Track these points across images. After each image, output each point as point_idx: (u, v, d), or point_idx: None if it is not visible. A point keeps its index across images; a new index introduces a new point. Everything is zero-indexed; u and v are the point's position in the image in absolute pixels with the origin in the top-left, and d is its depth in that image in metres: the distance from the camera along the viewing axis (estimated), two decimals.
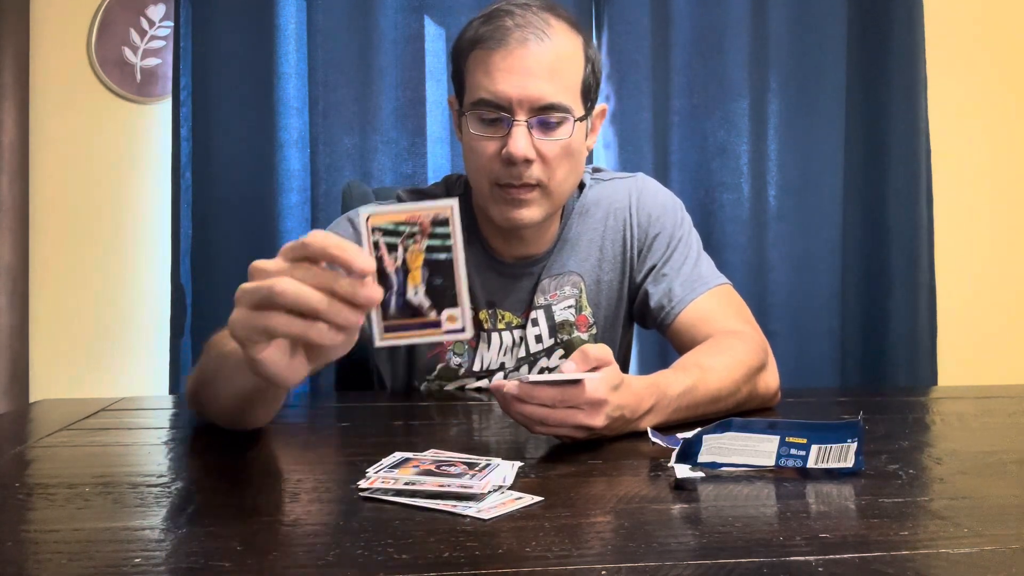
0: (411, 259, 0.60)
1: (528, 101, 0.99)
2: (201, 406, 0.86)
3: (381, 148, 1.73)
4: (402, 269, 0.60)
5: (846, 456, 0.68)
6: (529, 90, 0.98)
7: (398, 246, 0.60)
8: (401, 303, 0.60)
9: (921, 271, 1.85)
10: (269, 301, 0.58)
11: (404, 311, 0.60)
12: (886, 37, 1.86)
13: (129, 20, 1.86)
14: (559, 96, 1.00)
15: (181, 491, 0.64)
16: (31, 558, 0.51)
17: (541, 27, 1.00)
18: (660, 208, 1.15)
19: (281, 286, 0.57)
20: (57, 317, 1.85)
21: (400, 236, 0.59)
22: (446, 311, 0.60)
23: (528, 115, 0.99)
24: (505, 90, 0.98)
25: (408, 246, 0.60)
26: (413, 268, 0.60)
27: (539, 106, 0.99)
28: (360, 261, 0.58)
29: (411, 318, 0.60)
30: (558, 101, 0.99)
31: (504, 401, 0.76)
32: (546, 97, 0.99)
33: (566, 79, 1.01)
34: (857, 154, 1.87)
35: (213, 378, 0.79)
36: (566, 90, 1.01)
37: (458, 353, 1.12)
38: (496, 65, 0.99)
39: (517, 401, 0.75)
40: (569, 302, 1.12)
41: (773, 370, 1.03)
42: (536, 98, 0.99)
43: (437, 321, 0.60)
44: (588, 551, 0.51)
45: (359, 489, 0.62)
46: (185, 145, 1.71)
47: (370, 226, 0.59)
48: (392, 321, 0.60)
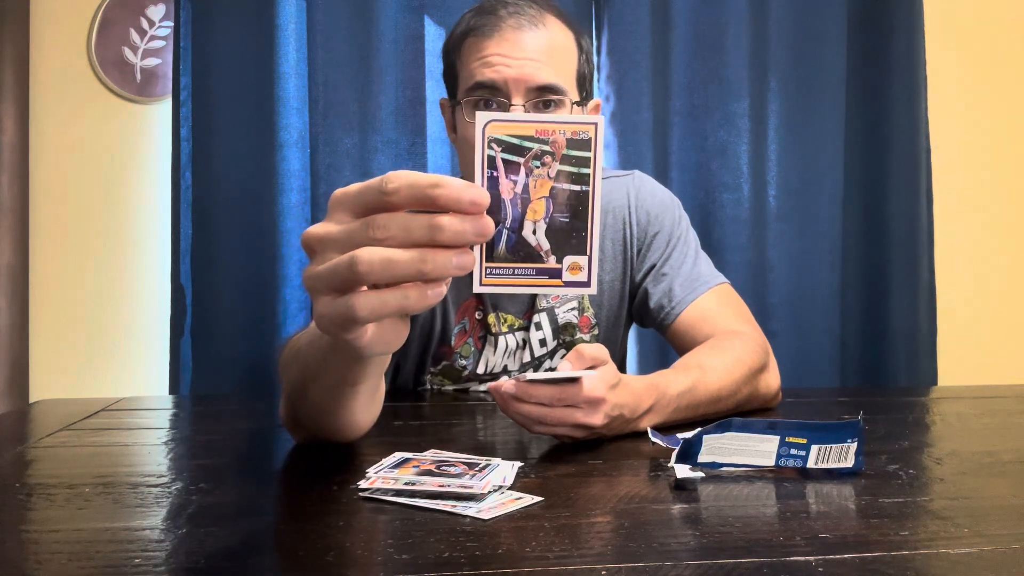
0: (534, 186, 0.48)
1: (524, 82, 0.98)
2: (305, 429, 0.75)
3: (381, 148, 1.73)
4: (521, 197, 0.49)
5: (846, 456, 0.68)
6: (524, 71, 0.98)
7: (520, 167, 0.48)
8: (514, 240, 0.49)
9: (921, 271, 1.85)
10: (354, 281, 0.47)
11: (516, 251, 0.49)
12: (886, 37, 1.85)
13: (129, 20, 1.86)
14: (554, 77, 0.99)
15: (181, 491, 0.64)
16: (31, 558, 0.51)
17: (534, 16, 1.01)
18: (659, 206, 1.15)
19: (366, 259, 0.46)
20: (57, 317, 1.85)
21: (525, 154, 0.48)
22: (569, 258, 0.49)
23: (524, 98, 0.99)
24: (500, 72, 0.98)
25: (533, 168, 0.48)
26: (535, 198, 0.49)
27: (535, 86, 0.99)
28: (469, 194, 0.46)
29: (523, 261, 0.49)
30: (554, 82, 0.99)
31: (502, 401, 0.76)
32: (541, 78, 0.99)
33: (561, 63, 1.01)
34: (857, 154, 1.87)
35: (304, 388, 0.68)
36: (561, 73, 1.01)
37: (464, 356, 1.12)
38: (490, 50, 0.99)
39: (515, 400, 0.75)
40: (572, 304, 1.12)
41: (774, 370, 1.03)
42: (531, 77, 0.98)
43: (557, 269, 0.49)
44: (588, 551, 0.51)
45: (359, 489, 0.62)
46: (185, 145, 1.70)
47: (487, 136, 0.48)
48: (498, 263, 0.49)
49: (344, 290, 0.47)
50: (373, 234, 0.46)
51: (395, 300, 0.47)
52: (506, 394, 0.75)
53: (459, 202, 0.46)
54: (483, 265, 0.49)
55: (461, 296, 1.10)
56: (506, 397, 0.76)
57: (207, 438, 0.82)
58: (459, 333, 1.11)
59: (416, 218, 0.46)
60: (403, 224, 0.46)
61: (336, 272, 0.47)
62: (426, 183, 0.46)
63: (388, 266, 0.46)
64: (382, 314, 0.47)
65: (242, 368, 1.66)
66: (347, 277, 0.46)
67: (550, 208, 0.49)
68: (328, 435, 0.73)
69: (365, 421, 0.72)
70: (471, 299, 1.10)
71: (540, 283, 0.50)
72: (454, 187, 0.46)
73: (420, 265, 0.46)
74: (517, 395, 0.75)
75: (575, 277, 0.49)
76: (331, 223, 0.49)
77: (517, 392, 0.75)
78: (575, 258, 0.49)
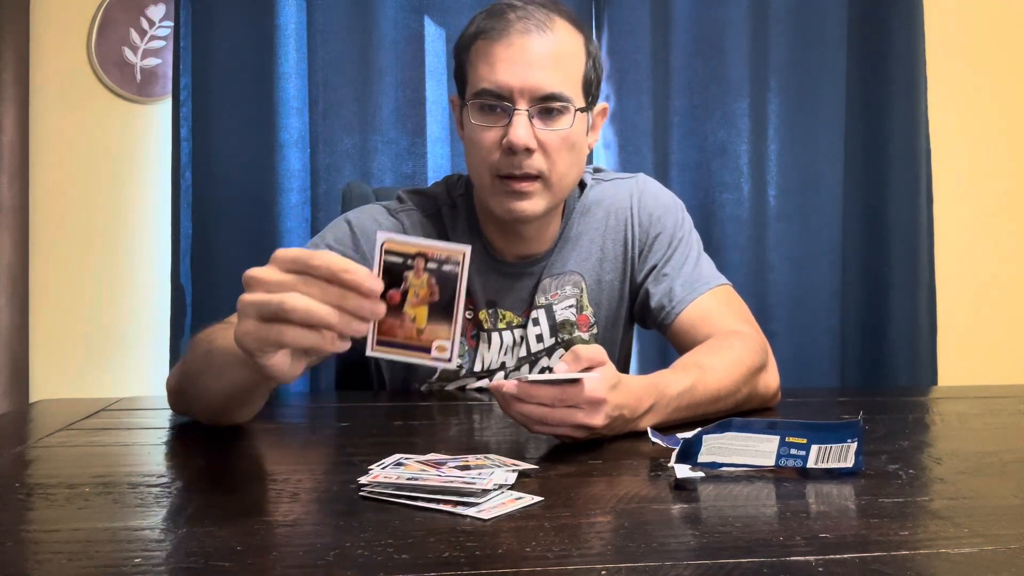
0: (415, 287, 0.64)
1: (529, 90, 0.99)
2: (185, 402, 0.88)
3: (381, 148, 1.73)
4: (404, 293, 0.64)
5: (846, 456, 0.68)
6: (530, 79, 0.99)
7: (405, 275, 0.64)
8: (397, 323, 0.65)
9: (921, 271, 1.85)
10: (279, 315, 0.60)
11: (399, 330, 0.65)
12: (886, 37, 1.86)
13: (129, 20, 1.86)
14: (560, 86, 1.00)
15: (181, 491, 0.64)
16: (31, 558, 0.51)
17: (543, 20, 1.01)
18: (662, 208, 1.15)
19: (292, 302, 0.60)
20: (57, 317, 1.85)
21: (410, 267, 0.64)
22: (437, 341, 0.65)
23: (529, 104, 0.99)
24: (507, 79, 0.99)
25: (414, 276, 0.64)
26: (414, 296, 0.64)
27: (540, 95, 0.99)
28: (368, 283, 0.61)
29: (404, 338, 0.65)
30: (559, 91, 1.00)
31: (503, 401, 0.76)
32: (547, 87, 0.99)
33: (567, 70, 1.02)
34: (857, 154, 1.87)
35: (200, 373, 0.81)
36: (567, 81, 1.01)
37: (459, 354, 1.12)
38: (498, 55, 1.00)
39: (516, 400, 0.75)
40: (570, 301, 1.12)
41: (773, 370, 1.03)
42: (537, 87, 0.99)
43: (428, 347, 0.65)
44: (588, 551, 0.51)
45: (360, 486, 0.62)
46: (185, 145, 1.71)
47: (384, 249, 0.63)
48: (386, 337, 0.64)
49: (270, 319, 0.61)
50: (300, 287, 0.60)
51: (312, 339, 0.61)
52: (507, 394, 0.75)
53: (359, 286, 0.60)
54: (375, 336, 0.64)
55: None
56: (507, 397, 0.76)
57: (207, 438, 0.82)
58: None
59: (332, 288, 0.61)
60: (323, 288, 0.61)
61: (267, 304, 0.60)
62: (340, 268, 0.60)
63: (307, 312, 0.60)
64: (300, 344, 0.61)
65: None
66: (275, 310, 0.60)
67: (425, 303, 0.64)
68: (204, 418, 0.86)
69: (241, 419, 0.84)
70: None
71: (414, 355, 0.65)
72: (359, 276, 0.60)
73: (330, 318, 0.60)
74: (518, 395, 0.75)
75: (440, 355, 0.65)
76: (268, 270, 0.62)
77: (518, 392, 0.75)
78: (442, 341, 0.65)
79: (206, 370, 0.80)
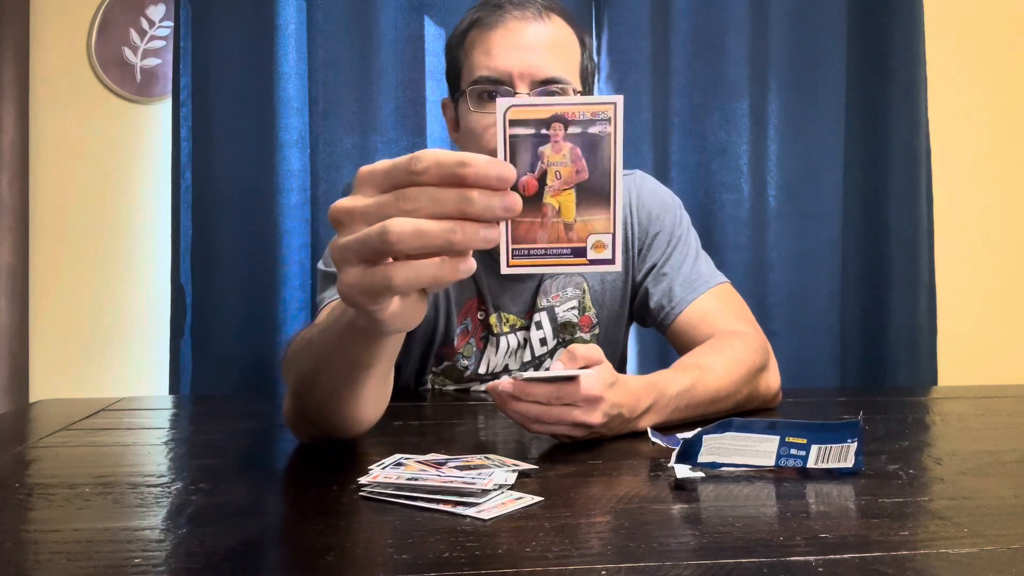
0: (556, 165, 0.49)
1: (529, 74, 0.99)
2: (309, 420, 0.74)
3: (381, 148, 1.73)
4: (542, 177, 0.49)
5: (846, 456, 0.68)
6: (530, 63, 0.99)
7: (540, 151, 0.49)
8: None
9: (921, 270, 1.85)
10: (385, 251, 0.47)
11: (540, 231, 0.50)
12: (886, 37, 1.85)
13: (129, 20, 1.86)
14: (559, 70, 1.00)
15: (181, 491, 0.64)
16: (31, 558, 0.51)
17: (539, 10, 1.01)
18: (660, 206, 1.15)
19: (396, 229, 0.46)
20: (57, 317, 1.85)
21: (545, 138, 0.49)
22: (593, 236, 0.50)
23: (529, 88, 0.99)
24: (506, 63, 0.99)
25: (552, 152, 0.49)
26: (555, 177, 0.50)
27: (540, 79, 0.99)
28: (496, 170, 0.47)
29: (548, 241, 0.50)
30: (558, 74, 0.99)
31: (500, 400, 0.76)
32: (547, 70, 0.99)
33: (565, 56, 1.02)
34: (857, 154, 1.87)
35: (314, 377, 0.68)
36: (566, 66, 1.01)
37: (466, 356, 1.12)
38: (495, 42, 1.00)
39: (513, 399, 0.75)
40: (572, 303, 1.12)
41: (774, 370, 1.03)
42: (537, 70, 0.99)
43: (582, 248, 0.50)
44: (588, 551, 0.51)
45: (360, 486, 0.62)
46: (185, 145, 1.70)
47: (508, 119, 0.49)
48: (523, 245, 0.50)
49: (373, 261, 0.48)
50: (403, 206, 0.47)
51: (429, 270, 0.47)
52: (504, 393, 0.75)
53: (486, 178, 0.47)
54: (510, 245, 0.50)
55: (463, 297, 1.10)
56: (504, 396, 0.76)
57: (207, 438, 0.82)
58: (461, 334, 1.11)
59: (446, 191, 0.47)
60: (433, 196, 0.47)
61: (367, 242, 0.47)
62: (454, 161, 0.46)
63: (419, 236, 0.46)
64: (416, 284, 0.48)
65: (242, 368, 1.66)
66: (377, 247, 0.47)
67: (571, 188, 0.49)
68: (334, 428, 0.73)
69: (372, 413, 0.72)
70: (472, 300, 1.10)
71: (565, 263, 0.50)
72: (481, 164, 0.46)
73: (450, 235, 0.46)
74: (515, 394, 0.75)
75: (599, 255, 0.50)
76: (359, 197, 0.49)
77: (515, 391, 0.75)
78: (599, 236, 0.50)
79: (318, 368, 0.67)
